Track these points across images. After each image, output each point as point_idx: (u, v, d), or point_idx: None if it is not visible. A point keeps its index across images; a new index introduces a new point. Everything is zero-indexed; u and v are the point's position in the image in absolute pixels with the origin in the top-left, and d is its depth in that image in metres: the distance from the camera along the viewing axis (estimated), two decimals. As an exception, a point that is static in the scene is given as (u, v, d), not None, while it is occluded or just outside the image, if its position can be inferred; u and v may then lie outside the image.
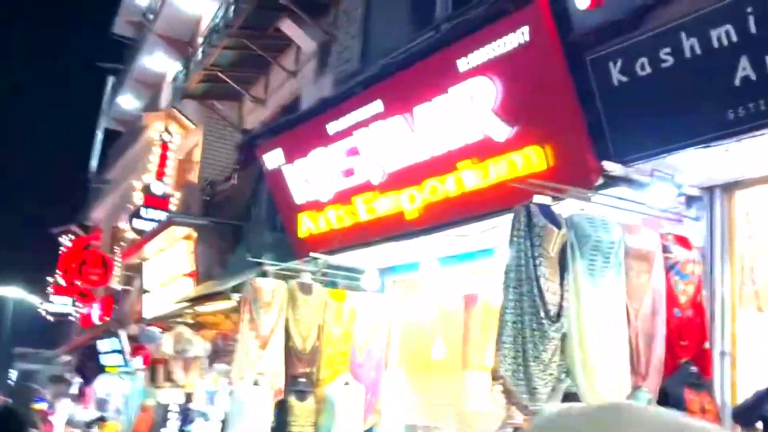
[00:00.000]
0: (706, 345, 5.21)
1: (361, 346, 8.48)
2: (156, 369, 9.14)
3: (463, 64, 5.75)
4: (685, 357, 5.12)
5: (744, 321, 5.30)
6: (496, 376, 4.63)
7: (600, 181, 5.16)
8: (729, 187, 5.38)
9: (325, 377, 8.20)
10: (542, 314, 4.62)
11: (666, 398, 4.96)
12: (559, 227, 4.77)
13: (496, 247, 6.55)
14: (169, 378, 8.98)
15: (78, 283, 17.96)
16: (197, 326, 8.64)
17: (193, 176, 14.08)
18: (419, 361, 8.68)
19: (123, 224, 19.31)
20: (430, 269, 7.42)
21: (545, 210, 4.86)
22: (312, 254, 8.09)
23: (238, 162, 11.49)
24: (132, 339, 10.18)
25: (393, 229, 6.96)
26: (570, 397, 4.71)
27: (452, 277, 7.88)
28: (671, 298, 5.16)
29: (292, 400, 7.91)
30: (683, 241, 5.30)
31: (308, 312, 8.22)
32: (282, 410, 7.90)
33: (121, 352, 16.11)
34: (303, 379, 8.06)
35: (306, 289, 8.24)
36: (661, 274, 5.15)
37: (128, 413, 14.32)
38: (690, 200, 5.42)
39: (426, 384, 8.67)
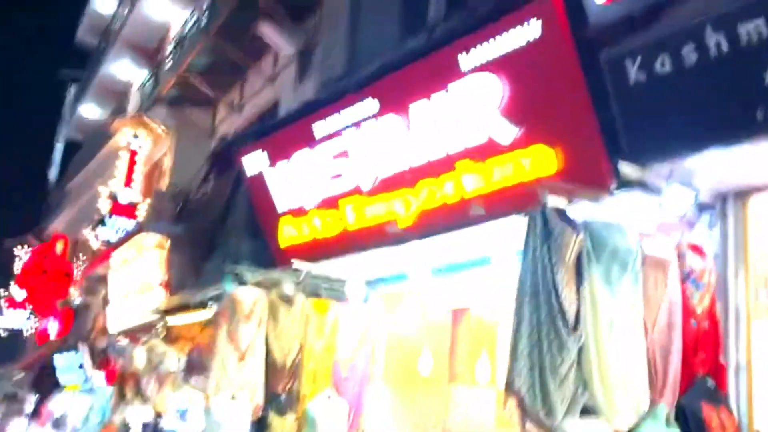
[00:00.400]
0: (722, 358, 4.98)
1: (345, 360, 8.10)
2: (125, 384, 8.62)
3: (465, 60, 5.48)
4: (701, 370, 4.88)
5: (759, 332, 5.08)
6: (511, 391, 4.32)
7: (614, 184, 4.90)
8: (742, 194, 5.19)
9: (306, 393, 7.81)
10: (560, 324, 4.34)
11: (683, 414, 4.70)
12: (576, 232, 4.50)
13: (494, 256, 6.28)
14: (138, 394, 8.48)
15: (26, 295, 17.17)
16: (170, 339, 8.18)
17: (162, 185, 13.58)
18: (405, 376, 8.32)
19: (86, 234, 18.66)
20: (421, 280, 7.09)
21: (561, 214, 4.60)
22: (294, 263, 7.71)
23: (212, 168, 11.08)
24: (100, 353, 9.63)
25: (385, 236, 6.62)
26: (587, 412, 4.42)
27: (441, 289, 7.57)
28: (687, 309, 4.92)
29: (272, 417, 7.49)
30: (697, 250, 5.08)
31: (289, 324, 7.82)
32: (261, 428, 7.47)
33: (81, 367, 15.43)
34: (283, 395, 7.66)
35: (287, 300, 7.85)
36: (677, 283, 4.92)
37: (88, 432, 13.66)
38: (702, 207, 5.19)
39: (412, 400, 8.32)
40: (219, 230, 9.13)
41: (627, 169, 4.78)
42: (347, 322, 8.14)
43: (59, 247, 14.90)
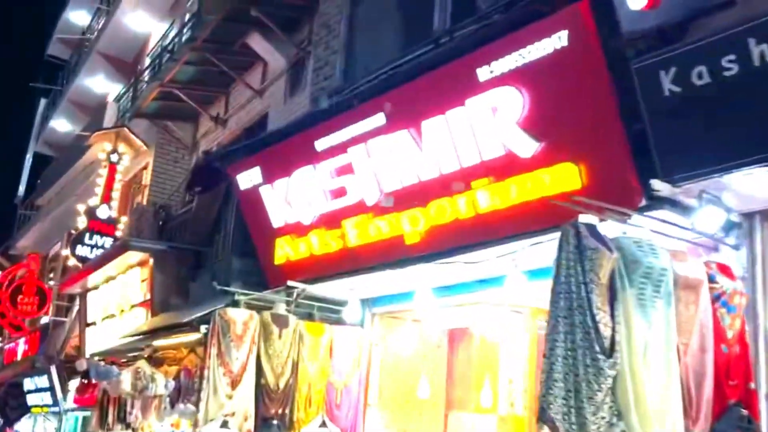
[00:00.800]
0: (752, 385, 4.75)
1: (339, 384, 7.77)
2: (106, 409, 8.16)
3: (484, 72, 5.24)
4: (733, 398, 4.64)
5: (789, 358, 4.86)
6: (544, 420, 4.02)
7: (643, 202, 4.68)
8: (770, 213, 4.99)
9: (299, 419, 7.46)
10: (597, 348, 4.06)
11: (718, 444, 4.46)
12: (610, 251, 4.25)
13: (508, 275, 6.01)
14: (120, 419, 8.02)
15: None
16: (156, 362, 7.75)
17: (140, 200, 13.14)
18: (402, 401, 8.00)
19: (58, 251, 18.07)
20: (423, 300, 6.79)
21: (593, 231, 4.35)
22: (290, 283, 7.37)
23: (195, 184, 10.67)
24: (82, 375, 9.15)
25: (389, 254, 6.33)
26: (622, 443, 4.15)
27: (442, 309, 7.27)
28: (718, 333, 4.69)
29: (265, 445, 7.12)
30: (726, 271, 4.86)
31: (282, 346, 7.48)
32: (252, 456, 7.09)
33: (50, 390, 14.82)
34: (275, 421, 7.29)
35: (281, 321, 7.51)
36: (708, 306, 4.68)
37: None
38: (729, 226, 4.98)
39: (409, 426, 7.98)
40: (206, 248, 8.75)
41: (658, 186, 4.56)
42: (342, 345, 7.83)
43: (33, 264, 14.34)
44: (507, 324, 7.37)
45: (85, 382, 9.00)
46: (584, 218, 4.38)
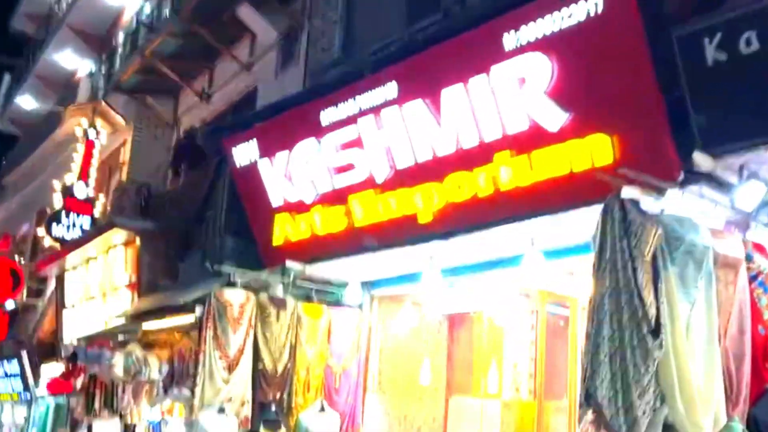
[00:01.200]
0: (788, 367, 4.58)
1: (338, 368, 7.50)
2: (93, 394, 7.76)
3: (511, 38, 4.96)
4: (770, 380, 4.48)
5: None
6: (590, 403, 3.80)
7: (681, 176, 4.45)
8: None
9: (297, 404, 7.18)
10: (645, 329, 3.85)
11: (756, 426, 4.29)
12: (655, 226, 4.03)
13: (525, 254, 5.77)
14: (107, 405, 7.64)
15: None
16: (147, 346, 7.38)
17: (119, 179, 12.64)
18: (402, 386, 7.75)
19: (28, 232, 17.44)
20: (432, 282, 6.53)
21: (637, 206, 4.12)
22: (288, 263, 7.05)
23: (179, 160, 10.28)
24: (69, 359, 8.70)
25: (400, 233, 6.04)
26: (668, 429, 3.95)
27: (445, 293, 7.02)
28: (755, 314, 4.51)
29: (262, 431, 6.81)
30: (762, 250, 4.68)
31: (280, 329, 7.18)
32: (251, 443, 6.79)
33: (20, 376, 14.26)
34: (274, 406, 7.00)
35: (278, 303, 7.19)
36: (746, 285, 4.50)
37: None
38: (765, 203, 4.79)
39: (409, 411, 7.74)
40: (195, 227, 8.36)
41: (698, 159, 4.33)
42: (340, 328, 7.55)
43: (2, 245, 13.77)
44: (514, 307, 7.17)
45: (71, 367, 8.57)
46: (627, 192, 4.16)
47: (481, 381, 7.53)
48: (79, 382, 8.46)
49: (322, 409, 7.21)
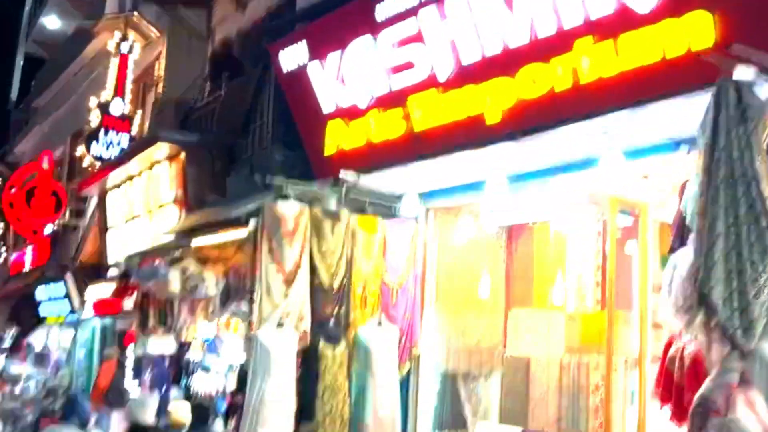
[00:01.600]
0: None
1: (394, 284, 7.24)
2: (147, 312, 7.64)
3: None
4: None
5: None
6: (706, 304, 3.46)
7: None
8: None
9: (355, 319, 6.96)
10: (764, 222, 3.46)
11: None
12: (772, 112, 3.59)
13: (602, 156, 5.36)
14: (161, 322, 7.52)
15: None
16: (199, 262, 7.18)
17: (152, 95, 12.27)
18: (460, 299, 7.50)
19: (63, 153, 17.30)
20: (496, 191, 6.15)
21: (752, 89, 3.67)
22: (342, 174, 6.70)
23: (217, 72, 9.86)
24: (121, 277, 8.57)
25: (465, 136, 5.64)
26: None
27: (506, 202, 6.64)
28: None
29: (322, 345, 6.64)
30: None
31: (335, 244, 6.90)
32: (309, 357, 6.62)
33: (66, 297, 14.32)
34: (331, 321, 6.79)
35: (332, 216, 6.88)
36: None
37: (72, 367, 12.70)
38: None
39: (468, 324, 7.51)
40: (240, 140, 8.02)
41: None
42: (396, 241, 7.26)
43: (45, 164, 13.54)
44: (580, 215, 6.78)
45: (123, 285, 8.43)
46: (741, 73, 3.70)
47: (543, 293, 7.24)
48: (131, 301, 8.34)
49: (380, 323, 7.00)
